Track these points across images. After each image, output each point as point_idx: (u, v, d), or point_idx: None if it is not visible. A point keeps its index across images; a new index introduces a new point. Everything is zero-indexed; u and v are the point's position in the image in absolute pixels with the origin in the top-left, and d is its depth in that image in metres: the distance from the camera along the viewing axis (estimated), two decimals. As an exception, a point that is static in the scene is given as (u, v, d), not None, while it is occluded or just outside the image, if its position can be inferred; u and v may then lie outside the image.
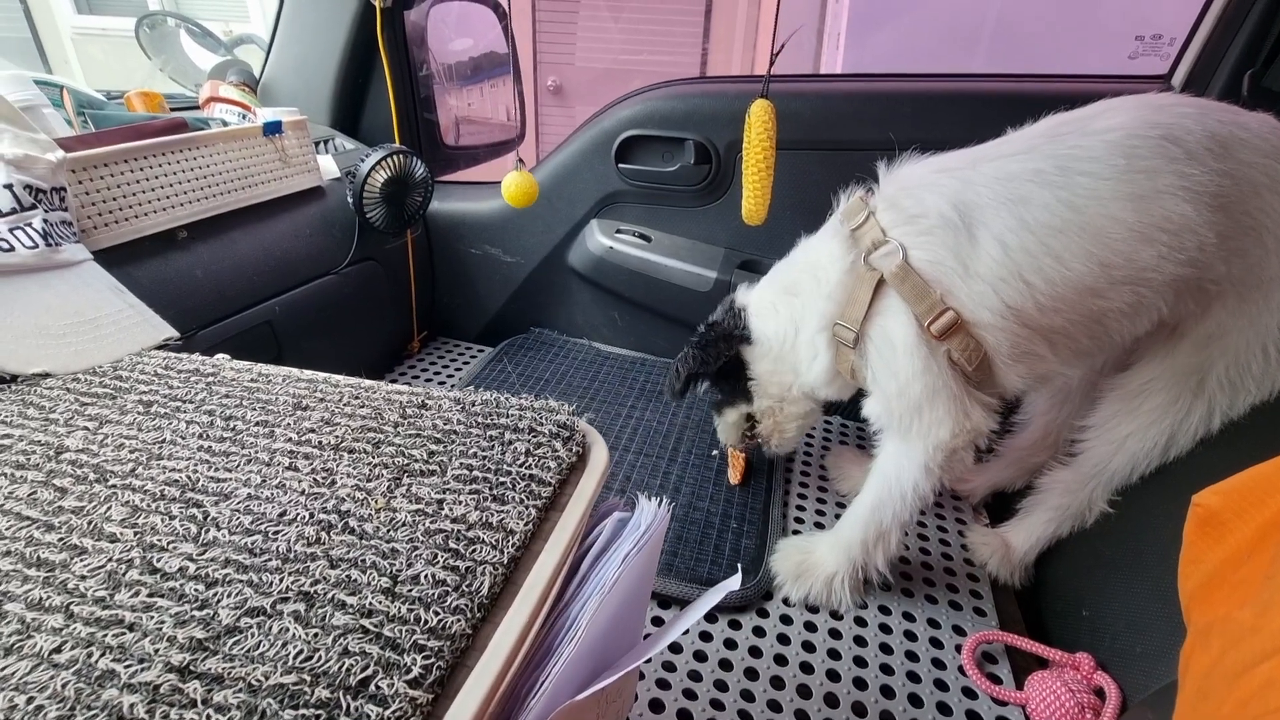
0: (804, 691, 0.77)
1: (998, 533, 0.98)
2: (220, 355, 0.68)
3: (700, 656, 0.80)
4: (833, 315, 0.80)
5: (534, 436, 0.53)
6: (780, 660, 0.81)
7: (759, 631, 0.84)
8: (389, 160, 1.18)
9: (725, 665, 0.79)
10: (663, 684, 0.76)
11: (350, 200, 1.19)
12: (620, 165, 1.29)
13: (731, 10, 4.00)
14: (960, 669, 0.81)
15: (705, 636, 0.83)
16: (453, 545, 0.42)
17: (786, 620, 0.86)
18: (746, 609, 0.87)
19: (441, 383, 1.40)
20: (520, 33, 4.49)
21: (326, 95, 1.37)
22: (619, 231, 1.36)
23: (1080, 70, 1.21)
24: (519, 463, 0.50)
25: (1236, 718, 0.37)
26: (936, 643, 0.84)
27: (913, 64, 3.24)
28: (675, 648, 0.81)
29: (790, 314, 0.88)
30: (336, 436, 0.54)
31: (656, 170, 1.27)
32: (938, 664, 0.81)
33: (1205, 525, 0.49)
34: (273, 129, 1.09)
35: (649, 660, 0.79)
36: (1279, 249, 0.68)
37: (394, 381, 1.39)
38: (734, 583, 0.47)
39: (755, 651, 0.81)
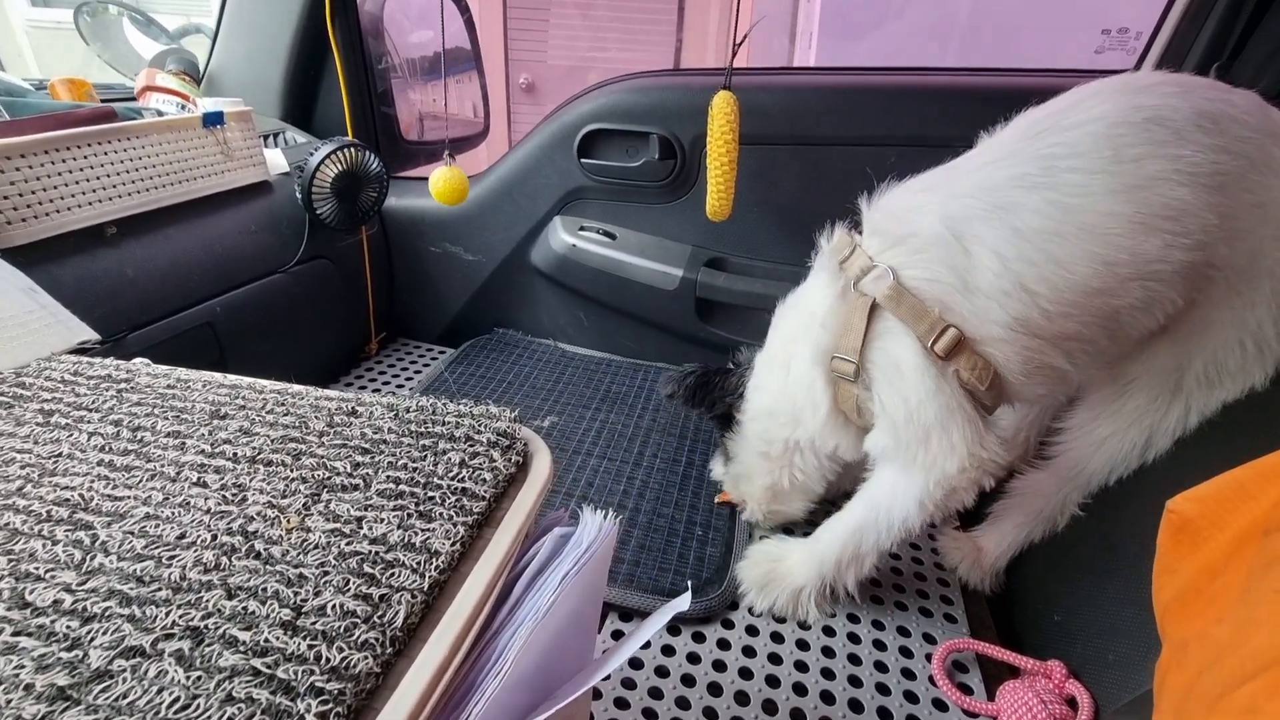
0: (769, 707, 0.74)
1: (969, 537, 0.96)
2: (138, 360, 0.63)
3: (662, 672, 0.77)
4: (828, 347, 0.74)
5: (470, 445, 0.49)
6: (745, 674, 0.77)
7: (723, 644, 0.81)
8: (340, 154, 1.13)
9: (688, 681, 0.76)
10: (621, 703, 0.72)
11: (299, 195, 1.13)
12: (583, 160, 1.25)
13: (704, 6, 3.99)
14: (931, 679, 0.78)
15: (668, 650, 0.79)
16: (368, 569, 0.38)
17: (752, 631, 0.83)
18: (711, 620, 0.84)
19: (400, 386, 1.35)
20: (491, 30, 4.42)
21: (276, 87, 1.31)
22: (583, 229, 1.32)
23: (1053, 65, 1.20)
24: (451, 475, 0.46)
25: (1216, 744, 0.35)
26: (906, 652, 0.82)
27: (885, 62, 3.25)
28: (635, 663, 0.77)
29: (784, 358, 0.82)
30: (254, 448, 0.49)
31: (620, 165, 1.24)
32: (907, 674, 0.79)
33: (1179, 533, 0.47)
34: (213, 120, 1.03)
35: (608, 678, 0.75)
36: (1276, 234, 0.65)
37: (350, 385, 1.33)
38: (682, 603, 0.44)
39: (719, 665, 0.78)
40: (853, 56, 3.28)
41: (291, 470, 0.47)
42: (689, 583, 0.71)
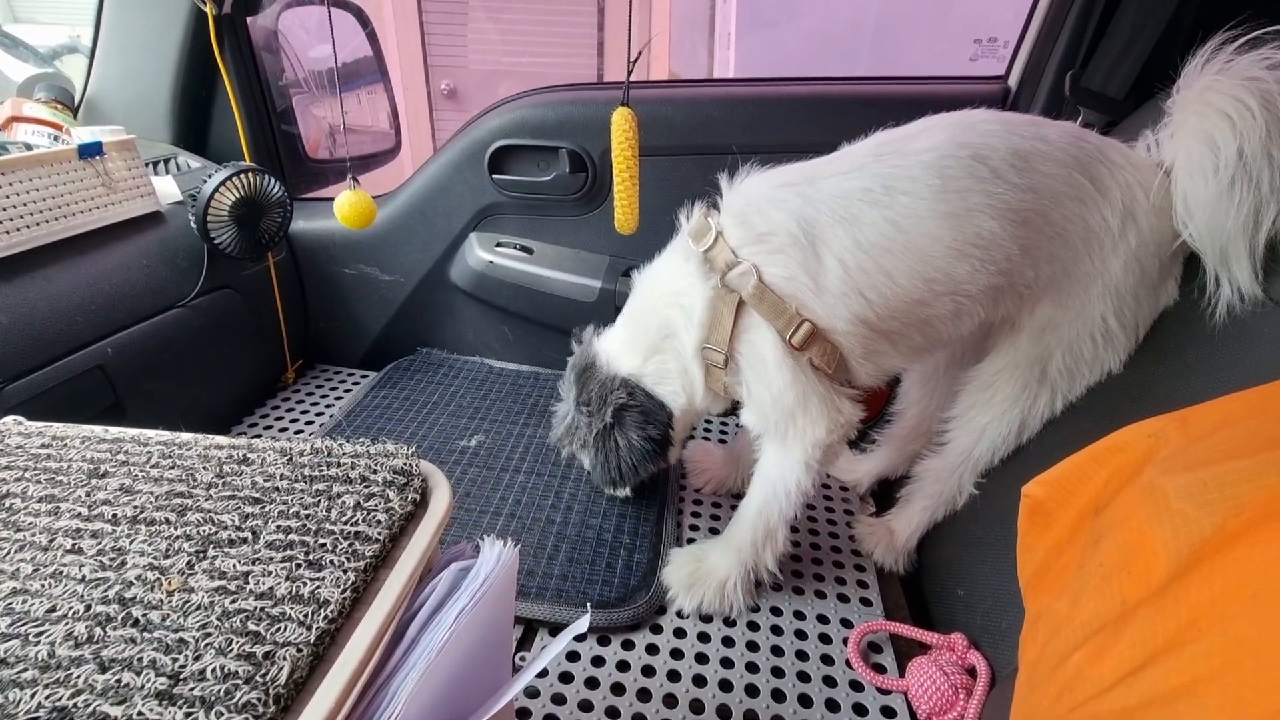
0: (696, 707, 0.76)
1: (883, 521, 1.02)
2: (9, 418, 0.60)
3: (592, 683, 0.78)
4: (701, 340, 0.81)
5: (366, 487, 0.49)
6: (673, 676, 0.80)
7: (652, 649, 0.83)
8: (235, 180, 1.09)
9: (617, 689, 0.77)
10: None
11: (194, 225, 1.09)
12: (494, 176, 1.25)
13: (624, 11, 4.01)
14: (847, 662, 0.82)
15: (597, 661, 0.81)
16: (252, 627, 0.38)
17: (680, 634, 0.85)
18: (639, 627, 0.85)
19: (320, 414, 1.31)
20: (408, 36, 4.32)
21: (164, 110, 1.25)
22: (499, 245, 1.31)
23: (952, 67, 1.27)
24: (345, 519, 0.46)
25: (1055, 709, 0.38)
26: (825, 638, 0.86)
27: (803, 60, 3.37)
28: (565, 677, 0.78)
29: (679, 361, 0.86)
30: (136, 507, 0.48)
31: (532, 180, 1.24)
32: (826, 660, 0.83)
33: (1034, 515, 0.52)
34: (91, 151, 0.97)
35: (537, 695, 0.76)
36: (1088, 249, 0.74)
37: (265, 417, 1.29)
38: (580, 626, 0.45)
39: (648, 670, 0.80)
40: (780, 56, 3.39)
41: (176, 528, 0.46)
42: (588, 605, 0.72)
